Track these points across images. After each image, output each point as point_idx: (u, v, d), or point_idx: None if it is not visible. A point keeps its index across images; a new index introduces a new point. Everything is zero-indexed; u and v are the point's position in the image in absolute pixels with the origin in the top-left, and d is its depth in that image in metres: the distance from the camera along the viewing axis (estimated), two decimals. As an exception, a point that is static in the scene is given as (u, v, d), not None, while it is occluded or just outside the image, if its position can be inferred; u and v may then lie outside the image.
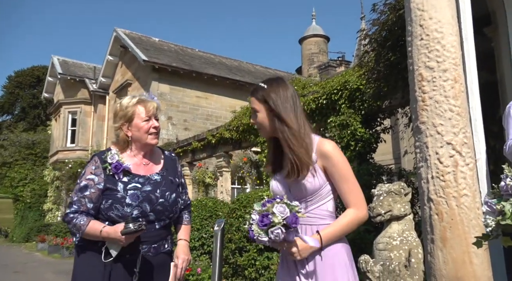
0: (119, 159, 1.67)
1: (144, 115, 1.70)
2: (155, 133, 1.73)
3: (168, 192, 1.73)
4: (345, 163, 1.41)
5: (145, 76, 13.43)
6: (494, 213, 1.06)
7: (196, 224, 6.87)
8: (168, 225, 1.78)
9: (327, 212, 1.41)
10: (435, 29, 2.04)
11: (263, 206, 1.30)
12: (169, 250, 1.79)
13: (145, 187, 1.67)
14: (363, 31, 4.74)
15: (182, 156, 10.41)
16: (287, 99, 1.44)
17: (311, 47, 24.19)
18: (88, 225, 1.60)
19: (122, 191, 1.63)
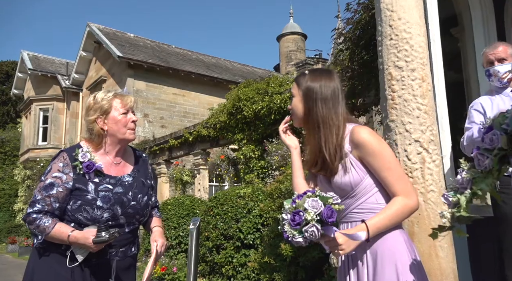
0: (91, 158, 1.58)
1: (121, 108, 1.64)
2: (133, 128, 1.67)
3: (140, 195, 1.68)
4: (384, 149, 1.28)
5: (120, 73, 13.15)
6: (449, 206, 1.09)
7: (173, 222, 6.81)
8: (136, 228, 1.74)
9: (376, 205, 1.29)
10: (404, 29, 2.09)
11: (293, 202, 1.18)
12: (135, 254, 1.75)
13: (116, 189, 1.61)
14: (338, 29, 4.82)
15: (158, 154, 10.27)
16: (325, 89, 1.36)
17: (289, 44, 24.32)
18: (54, 228, 1.50)
19: (93, 193, 1.56)
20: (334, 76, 1.42)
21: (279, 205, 4.83)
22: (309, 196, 1.16)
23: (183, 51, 16.59)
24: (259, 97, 6.96)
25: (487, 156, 1.00)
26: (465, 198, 1.04)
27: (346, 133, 1.33)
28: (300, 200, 1.17)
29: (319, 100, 1.35)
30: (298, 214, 1.14)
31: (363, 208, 1.30)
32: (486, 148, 1.01)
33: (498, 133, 0.99)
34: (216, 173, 8.59)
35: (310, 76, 1.39)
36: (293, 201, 1.19)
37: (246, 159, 7.14)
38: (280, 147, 6.54)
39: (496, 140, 0.98)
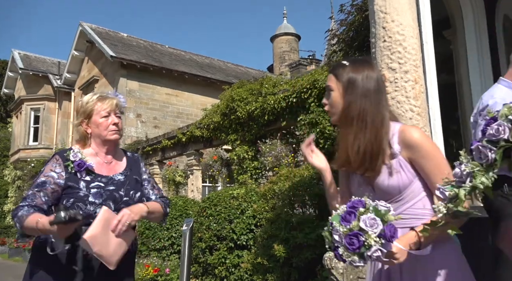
0: (82, 158, 1.64)
1: (102, 111, 1.70)
2: (115, 129, 1.72)
3: (133, 191, 1.71)
4: (437, 152, 1.20)
5: (113, 73, 13.05)
6: (445, 200, 1.02)
7: (166, 223, 6.77)
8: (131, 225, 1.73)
9: (423, 210, 1.20)
10: (397, 31, 2.10)
11: (346, 221, 1.03)
12: (129, 251, 1.72)
13: (108, 187, 1.65)
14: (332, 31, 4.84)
15: (151, 154, 10.21)
16: (369, 81, 1.23)
17: (283, 45, 24.36)
18: (29, 217, 1.48)
19: (84, 190, 1.59)
20: (374, 65, 1.31)
21: (272, 205, 4.83)
22: (362, 213, 1.02)
23: (176, 51, 16.53)
24: (252, 97, 6.95)
25: (490, 148, 0.95)
26: (464, 191, 0.97)
27: (394, 132, 1.23)
28: (354, 221, 1.02)
29: (363, 93, 1.22)
30: (357, 238, 1.01)
31: (410, 213, 1.20)
32: (489, 140, 0.95)
33: (504, 124, 0.93)
34: (209, 174, 8.57)
35: (352, 67, 1.26)
36: (344, 219, 1.04)
37: (240, 159, 7.13)
38: (274, 148, 6.54)
39: (502, 131, 0.93)
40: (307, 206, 4.70)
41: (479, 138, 1.00)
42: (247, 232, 4.92)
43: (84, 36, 14.38)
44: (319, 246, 3.84)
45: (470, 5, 3.01)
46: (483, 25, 3.03)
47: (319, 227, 4.05)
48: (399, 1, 2.16)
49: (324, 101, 1.34)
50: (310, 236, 3.93)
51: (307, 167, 5.21)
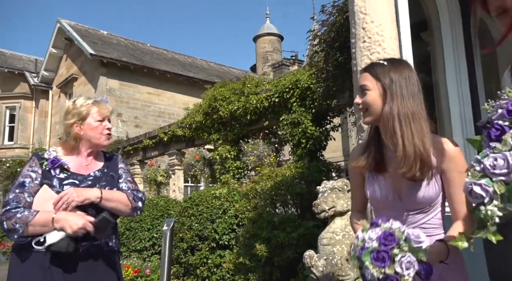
0: (57, 155, 1.68)
1: (98, 115, 1.76)
2: (108, 134, 1.78)
3: (108, 187, 1.71)
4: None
5: (93, 71, 12.80)
6: (485, 198, 0.84)
7: (147, 223, 6.69)
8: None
9: (439, 221, 1.21)
10: (377, 32, 2.14)
11: (379, 262, 0.94)
12: (113, 249, 1.73)
13: (82, 184, 1.66)
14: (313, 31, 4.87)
15: (132, 154, 10.06)
16: (412, 82, 1.19)
17: (265, 45, 24.41)
18: (36, 215, 1.51)
19: (57, 186, 1.62)
20: (412, 67, 1.28)
21: (254, 205, 4.84)
22: (397, 254, 0.93)
23: (158, 50, 16.34)
24: (235, 97, 6.94)
25: None
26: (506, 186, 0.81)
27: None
28: (389, 264, 0.93)
29: (409, 94, 1.18)
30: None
31: (431, 223, 1.20)
32: None
33: None
34: (191, 174, 8.50)
35: (392, 67, 1.21)
36: (376, 259, 0.94)
37: (222, 159, 7.11)
38: (256, 147, 6.55)
39: None
40: (289, 206, 4.73)
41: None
42: (229, 232, 4.91)
43: (63, 33, 14.05)
44: (301, 245, 3.87)
45: (446, 8, 3.09)
46: (459, 28, 3.11)
47: (301, 226, 4.08)
48: (378, 2, 2.19)
49: (357, 101, 1.27)
50: (291, 235, 3.95)
51: (289, 167, 5.24)
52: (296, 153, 5.96)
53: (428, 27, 3.31)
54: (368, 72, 1.25)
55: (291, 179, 4.72)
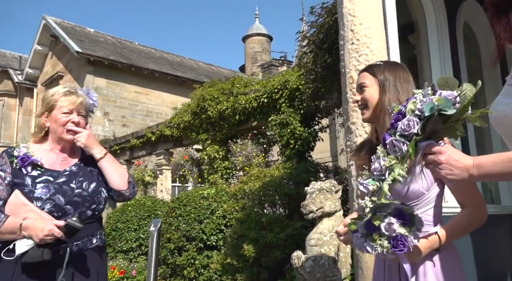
0: (27, 152, 1.57)
1: (64, 107, 1.63)
2: (71, 129, 1.64)
3: (86, 182, 1.61)
4: None
5: (79, 69, 12.60)
6: (368, 194, 1.10)
7: (134, 224, 6.62)
8: (93, 217, 1.63)
9: (429, 218, 1.22)
10: (365, 34, 2.15)
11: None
12: (99, 246, 1.65)
13: (58, 180, 1.57)
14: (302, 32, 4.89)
15: (119, 153, 9.94)
16: (405, 80, 1.32)
17: (255, 45, 24.41)
18: (5, 221, 1.44)
19: (30, 185, 1.52)
20: (407, 68, 1.40)
21: (242, 205, 4.83)
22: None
23: (146, 49, 16.19)
24: (224, 97, 6.92)
25: (403, 142, 1.04)
26: (387, 185, 1.06)
27: None
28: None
29: (402, 89, 1.30)
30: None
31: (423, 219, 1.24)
32: (402, 134, 1.05)
33: (414, 119, 1.03)
34: (179, 174, 8.44)
35: (387, 66, 1.37)
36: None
37: (210, 159, 7.08)
38: (244, 148, 6.54)
39: (412, 126, 1.02)
40: (277, 206, 4.73)
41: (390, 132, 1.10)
42: (217, 232, 4.89)
43: (48, 30, 13.79)
44: (288, 245, 3.87)
45: (433, 12, 3.13)
46: (445, 32, 3.17)
47: (289, 227, 4.09)
48: (367, 5, 2.21)
49: (356, 98, 1.38)
50: (279, 235, 3.96)
51: (277, 167, 5.25)
52: (284, 153, 5.98)
53: (415, 30, 3.35)
54: (366, 71, 1.37)
55: (280, 180, 4.72)
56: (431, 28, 3.09)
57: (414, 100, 1.06)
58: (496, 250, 3.04)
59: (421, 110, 1.03)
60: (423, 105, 1.03)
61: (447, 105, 1.00)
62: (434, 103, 1.02)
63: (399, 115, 1.08)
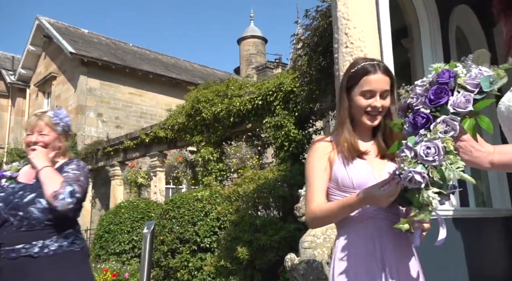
0: (7, 171, 1.82)
1: (28, 130, 1.84)
2: (32, 149, 1.79)
3: (29, 192, 1.70)
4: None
5: (73, 70, 12.52)
6: (422, 183, 0.92)
7: (127, 226, 6.58)
8: (33, 227, 1.65)
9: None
10: (359, 38, 2.17)
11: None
12: (48, 253, 1.63)
13: (20, 191, 1.72)
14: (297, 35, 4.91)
15: (113, 155, 9.89)
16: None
17: (249, 48, 24.44)
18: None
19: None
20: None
21: (236, 208, 4.83)
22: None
23: (141, 50, 16.13)
24: (218, 99, 6.92)
25: (457, 119, 0.89)
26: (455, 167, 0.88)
27: None
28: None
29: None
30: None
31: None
32: (456, 112, 0.90)
33: (471, 96, 0.89)
34: (173, 176, 8.41)
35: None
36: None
37: (205, 161, 7.07)
38: (239, 149, 6.54)
39: (469, 102, 0.88)
40: (271, 208, 4.73)
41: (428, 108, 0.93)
42: (210, 234, 4.88)
43: (42, 30, 13.69)
44: (282, 247, 3.88)
45: (426, 16, 3.17)
46: (438, 36, 3.20)
47: (283, 229, 4.09)
48: (361, 9, 2.23)
49: (377, 104, 1.28)
50: (273, 238, 3.96)
51: (271, 170, 5.25)
52: (279, 155, 5.99)
53: (409, 34, 3.39)
54: (388, 75, 1.29)
55: (274, 182, 4.73)
56: (424, 32, 3.12)
57: (458, 73, 0.92)
58: (488, 252, 3.07)
59: (475, 85, 0.89)
60: (475, 80, 0.89)
61: (492, 83, 0.88)
62: (491, 78, 0.89)
63: (442, 89, 0.91)
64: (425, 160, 0.91)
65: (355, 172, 1.25)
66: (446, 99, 0.91)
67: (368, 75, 1.27)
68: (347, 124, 1.31)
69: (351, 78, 1.30)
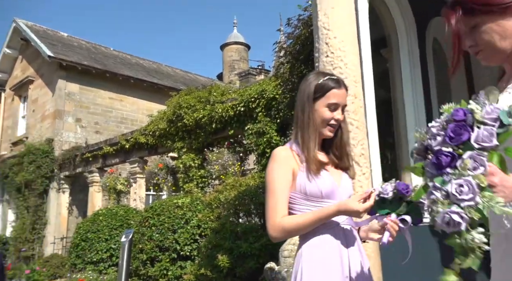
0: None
1: None
2: None
3: None
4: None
5: (51, 74, 12.23)
6: (462, 225, 0.81)
7: (105, 234, 6.43)
8: None
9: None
10: (339, 48, 2.21)
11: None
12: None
13: None
14: (280, 43, 4.96)
15: (91, 161, 9.68)
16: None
17: (232, 54, 24.49)
18: None
19: None
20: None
21: (217, 215, 4.79)
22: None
23: (122, 54, 15.92)
24: (200, 105, 6.89)
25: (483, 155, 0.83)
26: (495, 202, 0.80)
27: None
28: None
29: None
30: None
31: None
32: (482, 148, 0.84)
33: (494, 130, 0.84)
34: (153, 182, 8.29)
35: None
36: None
37: (186, 168, 7.00)
38: (221, 156, 6.51)
39: (493, 136, 0.83)
40: (252, 215, 4.72)
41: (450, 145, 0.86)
42: (191, 242, 4.81)
43: (19, 33, 13.35)
44: (263, 255, 3.86)
45: (404, 27, 3.26)
46: (415, 47, 3.29)
47: (264, 236, 4.08)
48: (341, 19, 2.27)
49: (340, 118, 1.34)
50: (254, 245, 3.94)
51: (253, 176, 5.25)
52: (260, 162, 5.99)
53: (388, 45, 3.46)
54: (347, 91, 1.36)
55: (255, 189, 4.72)
56: (402, 43, 3.20)
57: (473, 109, 0.87)
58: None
59: (494, 119, 0.85)
60: (492, 114, 0.85)
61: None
62: (508, 111, 0.84)
63: (460, 125, 0.86)
64: (459, 199, 0.82)
65: (323, 182, 1.28)
66: (468, 135, 0.86)
67: (335, 89, 1.31)
68: (314, 135, 1.32)
69: (318, 90, 1.33)
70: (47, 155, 10.69)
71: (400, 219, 1.16)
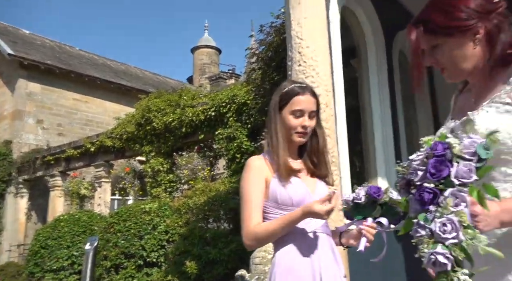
0: None
1: None
2: None
3: None
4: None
5: (10, 72, 11.64)
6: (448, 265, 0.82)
7: (66, 241, 6.16)
8: None
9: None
10: (311, 57, 2.25)
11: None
12: None
13: None
14: (252, 49, 4.99)
15: (53, 164, 9.27)
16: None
17: (203, 57, 24.37)
18: None
19: None
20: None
21: (186, 220, 4.72)
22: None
23: (88, 55, 15.42)
24: (170, 109, 6.79)
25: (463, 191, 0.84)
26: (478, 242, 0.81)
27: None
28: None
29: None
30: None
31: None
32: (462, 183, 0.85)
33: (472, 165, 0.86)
34: (119, 187, 8.06)
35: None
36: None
37: (154, 172, 6.86)
38: (190, 160, 6.43)
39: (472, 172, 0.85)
40: (221, 221, 4.69)
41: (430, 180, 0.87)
42: (158, 248, 4.71)
43: (-24, 28, 12.64)
44: (232, 261, 3.84)
45: (372, 39, 3.38)
46: (383, 58, 3.42)
47: (233, 242, 4.06)
48: (314, 29, 2.32)
49: (308, 124, 1.34)
50: (223, 251, 3.92)
51: (223, 181, 5.22)
52: (230, 167, 5.97)
53: (357, 55, 3.57)
54: (316, 98, 1.37)
55: (225, 194, 4.70)
56: (370, 54, 3.32)
57: (451, 143, 0.88)
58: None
59: (472, 153, 0.86)
60: (470, 148, 0.87)
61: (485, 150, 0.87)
62: (485, 145, 0.86)
63: (440, 161, 0.87)
64: (443, 238, 0.83)
65: (294, 190, 1.29)
66: (448, 171, 0.87)
67: (298, 95, 1.33)
68: (282, 143, 1.33)
69: (283, 97, 1.35)
70: (5, 158, 10.14)
71: (377, 222, 1.20)
